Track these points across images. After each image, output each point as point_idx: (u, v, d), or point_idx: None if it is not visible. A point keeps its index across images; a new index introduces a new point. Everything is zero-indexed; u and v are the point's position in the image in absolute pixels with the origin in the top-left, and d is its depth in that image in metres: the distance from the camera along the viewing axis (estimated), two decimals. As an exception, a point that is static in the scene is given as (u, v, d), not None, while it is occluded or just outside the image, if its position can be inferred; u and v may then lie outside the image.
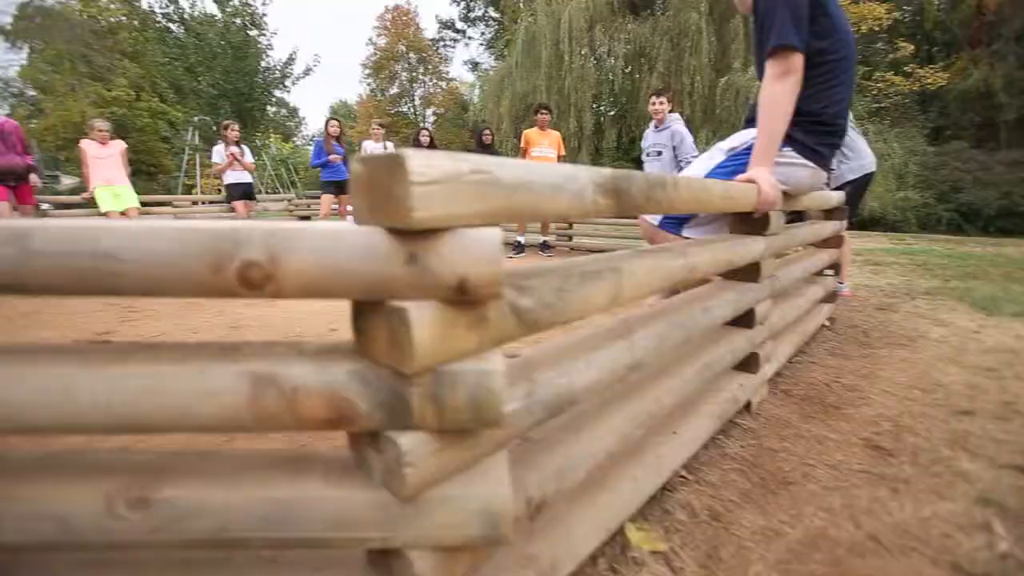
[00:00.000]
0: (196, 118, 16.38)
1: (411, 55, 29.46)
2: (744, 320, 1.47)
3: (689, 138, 4.02)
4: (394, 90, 30.05)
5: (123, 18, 31.13)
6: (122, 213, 4.97)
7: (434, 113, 30.17)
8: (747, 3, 1.55)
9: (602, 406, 0.90)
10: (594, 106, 16.27)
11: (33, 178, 4.48)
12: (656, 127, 4.17)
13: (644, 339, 0.93)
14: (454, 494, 0.57)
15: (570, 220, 4.89)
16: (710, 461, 1.30)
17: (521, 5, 18.70)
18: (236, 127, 5.54)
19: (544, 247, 5.57)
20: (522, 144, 5.49)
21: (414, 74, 29.51)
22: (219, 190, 18.71)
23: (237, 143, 5.46)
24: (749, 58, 13.06)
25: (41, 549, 0.57)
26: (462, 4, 26.03)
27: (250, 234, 0.48)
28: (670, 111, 4.17)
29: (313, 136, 38.72)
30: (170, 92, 31.33)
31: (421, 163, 0.47)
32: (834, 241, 2.48)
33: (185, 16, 8.45)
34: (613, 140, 17.42)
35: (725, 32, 13.56)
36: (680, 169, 4.07)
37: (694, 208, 1.04)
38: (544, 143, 5.28)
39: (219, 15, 8.66)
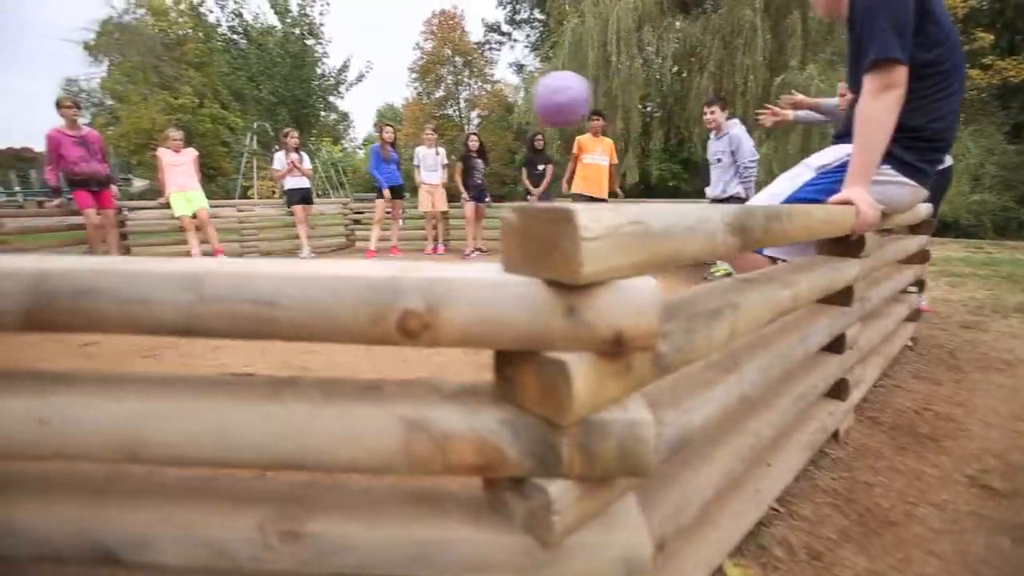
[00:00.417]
0: (255, 124, 17.16)
1: (457, 59, 29.84)
2: (835, 345, 1.40)
3: (747, 143, 3.89)
4: (440, 93, 30.51)
5: (190, 31, 33.09)
6: (193, 216, 5.25)
7: (479, 115, 30.45)
8: (839, 9, 1.48)
9: (709, 441, 0.88)
10: (641, 107, 16.00)
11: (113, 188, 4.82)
12: (716, 135, 4.07)
13: (751, 372, 0.91)
14: (593, 540, 0.57)
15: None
16: (802, 493, 1.25)
17: (567, 7, 18.60)
18: (295, 134, 5.75)
19: None
20: (574, 150, 5.45)
21: (459, 77, 29.89)
22: (273, 191, 19.52)
23: (296, 150, 5.67)
24: (807, 55, 12.51)
25: (195, 574, 0.60)
26: (508, 7, 26.13)
27: (409, 284, 0.49)
28: (728, 117, 4.06)
29: (366, 140, 39.76)
30: (231, 99, 33.05)
31: (590, 218, 0.47)
32: (919, 256, 2.33)
33: (248, 29, 8.83)
34: (660, 141, 17.09)
35: (781, 29, 13.05)
36: (739, 175, 3.93)
37: (804, 237, 0.99)
38: (597, 150, 5.21)
39: (279, 26, 9.02)
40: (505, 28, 27.65)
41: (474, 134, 6.00)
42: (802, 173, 1.57)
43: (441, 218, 6.01)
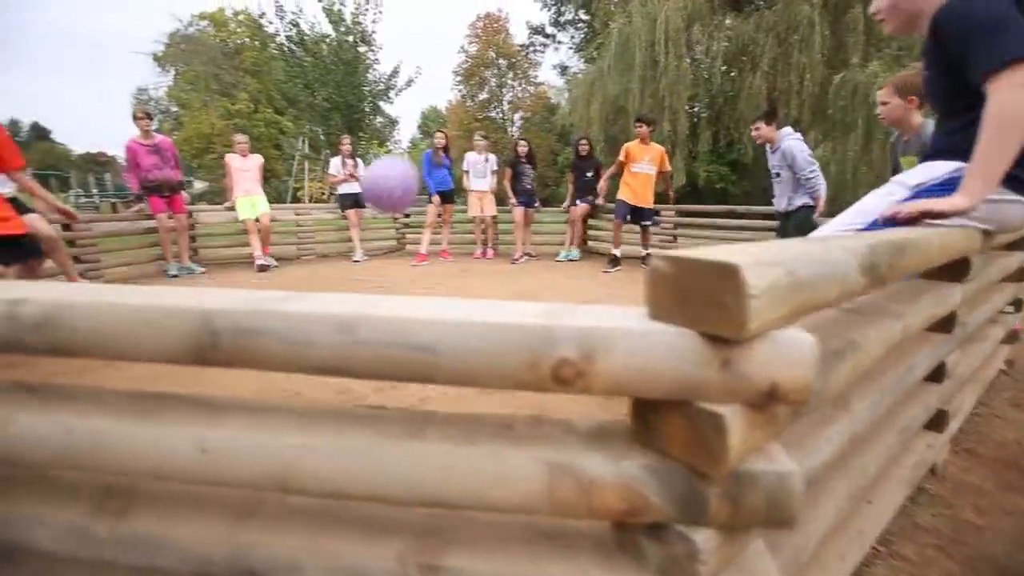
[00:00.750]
0: (306, 128, 17.80)
1: (501, 61, 30.04)
2: (935, 374, 1.32)
3: (801, 153, 3.71)
4: (483, 96, 30.79)
5: (247, 40, 34.76)
6: (256, 220, 5.49)
7: (521, 117, 30.55)
8: (915, 27, 1.38)
9: (823, 481, 0.85)
10: (689, 108, 15.64)
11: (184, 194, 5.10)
12: (771, 149, 3.92)
13: (861, 409, 0.87)
14: (730, 590, 0.56)
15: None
16: (901, 532, 1.18)
17: (613, 8, 18.40)
18: (349, 142, 5.93)
19: (646, 261, 5.38)
20: (621, 156, 5.38)
21: (503, 79, 30.08)
22: (323, 192, 20.21)
23: (351, 156, 5.85)
24: (870, 51, 11.88)
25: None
26: (552, 9, 26.06)
27: (565, 332, 0.50)
28: (780, 126, 3.91)
29: (411, 141, 40.59)
30: (284, 105, 34.41)
31: (755, 275, 0.46)
32: (1017, 274, 2.17)
33: (305, 39, 9.18)
34: (709, 143, 16.64)
35: (841, 25, 12.47)
36: (801, 187, 3.75)
37: (923, 267, 0.95)
38: (644, 159, 5.10)
39: (333, 34, 9.33)
40: (549, 30, 27.58)
41: (523, 140, 6.02)
42: (895, 192, 1.49)
43: (491, 223, 6.01)
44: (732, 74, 15.28)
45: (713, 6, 14.98)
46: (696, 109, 16.77)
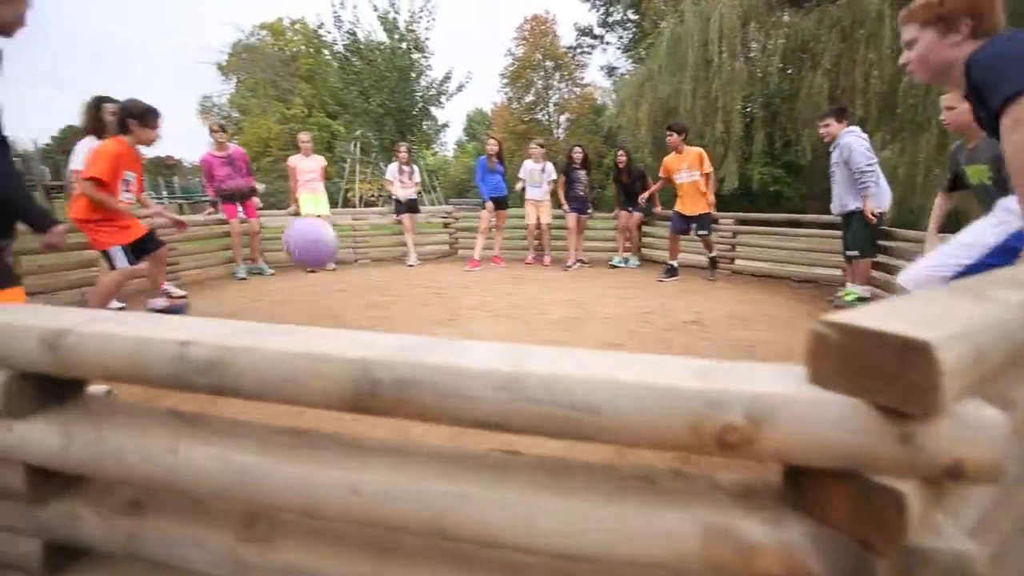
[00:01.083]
0: (358, 131, 18.34)
1: (547, 63, 30.02)
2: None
3: (858, 148, 3.50)
4: (529, 98, 30.84)
5: (303, 47, 36.27)
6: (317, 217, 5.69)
7: (567, 119, 30.42)
8: (947, 76, 1.33)
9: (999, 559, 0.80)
10: (743, 108, 15.12)
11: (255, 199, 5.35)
12: (832, 147, 3.75)
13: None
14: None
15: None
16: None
17: (663, 7, 18.03)
18: (405, 148, 6.07)
19: (713, 265, 5.12)
20: (661, 172, 5.22)
21: (549, 81, 30.04)
22: (373, 195, 20.73)
23: (408, 163, 5.98)
24: (947, 46, 11.06)
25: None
26: (600, 10, 25.81)
27: (732, 398, 0.49)
28: (847, 127, 3.72)
29: (457, 143, 41.20)
30: (337, 109, 35.67)
31: (946, 352, 0.44)
32: None
33: (361, 47, 9.48)
34: (763, 144, 16.04)
35: (914, 18, 11.69)
36: (857, 183, 3.54)
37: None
38: (682, 167, 4.92)
39: (387, 41, 9.58)
40: (597, 31, 27.33)
41: (578, 146, 5.97)
42: (1008, 221, 1.39)
43: (546, 229, 5.99)
44: (790, 72, 14.65)
45: (771, 3, 14.43)
46: (750, 109, 16.20)
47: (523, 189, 5.92)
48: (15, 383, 0.74)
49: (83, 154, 3.37)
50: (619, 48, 26.23)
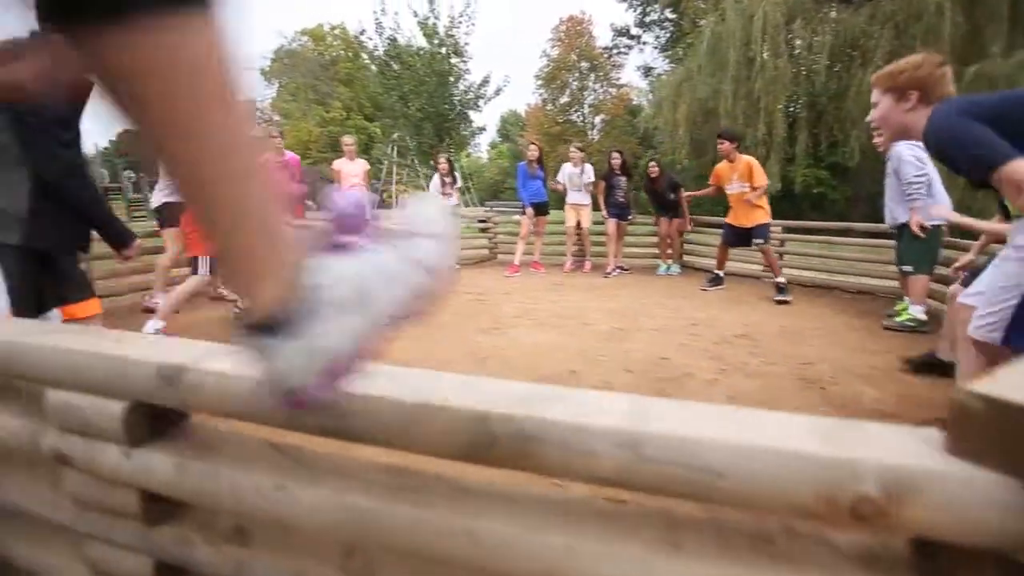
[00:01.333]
0: (395, 135, 18.63)
1: (583, 63, 29.84)
2: None
3: (908, 159, 3.28)
4: (564, 99, 30.73)
5: (342, 52, 37.21)
6: None
7: (602, 120, 30.16)
8: (912, 136, 1.64)
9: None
10: (787, 108, 14.64)
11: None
12: (887, 156, 3.57)
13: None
14: None
15: None
16: None
17: (703, 5, 17.62)
18: (446, 159, 6.11)
19: (779, 291, 4.46)
20: (711, 181, 5.03)
21: (584, 82, 29.85)
22: (407, 194, 20.92)
23: (450, 174, 6.03)
24: (1016, 38, 10.37)
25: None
26: (638, 9, 25.46)
27: (867, 469, 0.48)
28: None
29: (491, 145, 41.42)
30: (374, 112, 36.45)
31: None
32: None
33: (401, 52, 9.64)
34: (807, 145, 15.51)
35: (978, 9, 11.06)
36: (904, 195, 3.36)
37: None
38: (733, 177, 4.68)
39: (427, 46, 9.72)
40: (634, 31, 26.98)
41: (617, 151, 5.90)
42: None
43: (586, 235, 5.95)
44: (837, 70, 14.10)
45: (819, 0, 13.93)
46: (794, 109, 15.67)
47: (563, 192, 5.91)
48: (133, 413, 0.78)
49: None
50: (656, 48, 25.81)
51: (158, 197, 3.85)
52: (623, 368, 2.65)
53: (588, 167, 5.77)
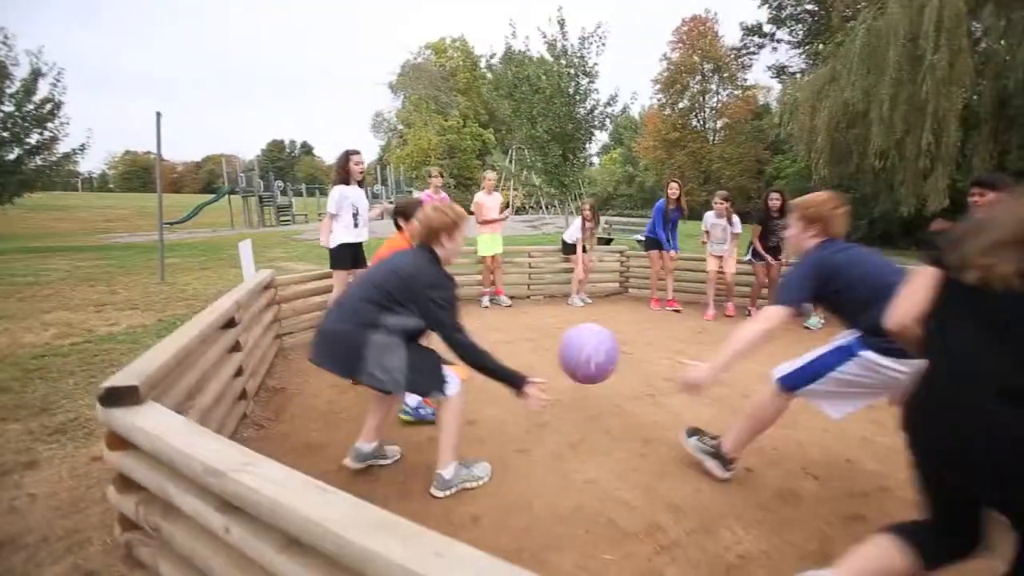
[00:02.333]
0: (514, 146, 19.09)
1: (706, 65, 28.19)
2: None
3: None
4: (683, 103, 29.30)
5: (460, 63, 38.96)
6: (492, 258, 5.95)
7: (725, 125, 28.24)
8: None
9: None
10: (964, 111, 12.57)
11: None
12: None
13: None
14: None
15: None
16: None
17: (860, 4, 15.71)
18: (590, 206, 5.92)
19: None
20: None
21: (707, 85, 28.13)
22: (520, 203, 21.30)
23: (592, 218, 5.93)
24: None
25: None
26: (773, 3, 23.43)
27: None
28: None
29: (610, 152, 40.56)
30: (488, 120, 37.69)
31: None
32: None
33: (529, 76, 9.78)
34: (990, 153, 13.20)
35: None
36: None
37: None
38: None
39: (555, 67, 9.77)
40: (767, 28, 24.91)
41: (776, 192, 5.32)
42: None
43: (730, 281, 5.52)
44: (1039, 65, 11.79)
45: (1017, -21, 11.72)
46: (974, 111, 13.37)
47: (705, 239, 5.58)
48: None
49: (335, 199, 4.07)
50: (792, 44, 23.58)
51: (336, 237, 4.08)
52: (802, 469, 2.43)
53: (736, 218, 5.34)
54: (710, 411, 3.06)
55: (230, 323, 2.63)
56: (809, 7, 22.43)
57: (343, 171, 4.19)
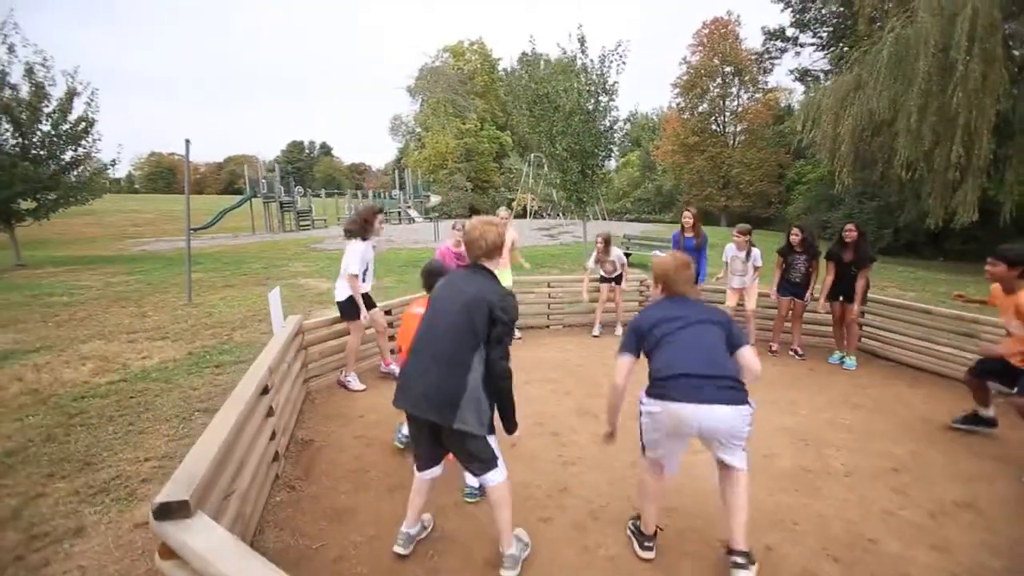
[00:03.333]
0: (531, 156, 19.07)
1: (726, 68, 27.76)
2: None
3: None
4: (703, 107, 28.91)
5: (478, 65, 39.00)
6: None
7: (745, 129, 27.81)
8: None
9: None
10: (996, 122, 12.19)
11: None
12: None
13: None
14: None
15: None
16: None
17: (888, 7, 15.33)
18: (603, 240, 5.84)
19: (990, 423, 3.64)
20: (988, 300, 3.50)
21: (727, 89, 27.69)
22: (524, 207, 21.34)
23: (606, 251, 5.86)
24: None
25: None
26: (797, 6, 22.94)
27: None
28: None
29: (626, 155, 40.14)
30: (505, 121, 37.67)
31: None
32: None
33: (548, 93, 9.78)
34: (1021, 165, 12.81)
35: None
36: None
37: None
38: (1010, 312, 3.16)
39: (576, 86, 9.75)
40: (790, 32, 24.43)
41: (798, 227, 5.18)
42: None
43: (751, 316, 5.38)
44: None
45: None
46: (1010, 125, 12.96)
47: (724, 271, 5.52)
48: None
49: (358, 257, 4.03)
50: (816, 47, 23.11)
51: (346, 291, 4.12)
52: (823, 549, 2.42)
53: (755, 251, 5.21)
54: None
55: (264, 390, 2.73)
56: (835, 8, 21.92)
57: (366, 225, 4.16)
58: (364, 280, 4.28)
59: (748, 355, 2.16)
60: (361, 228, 4.16)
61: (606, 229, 6.61)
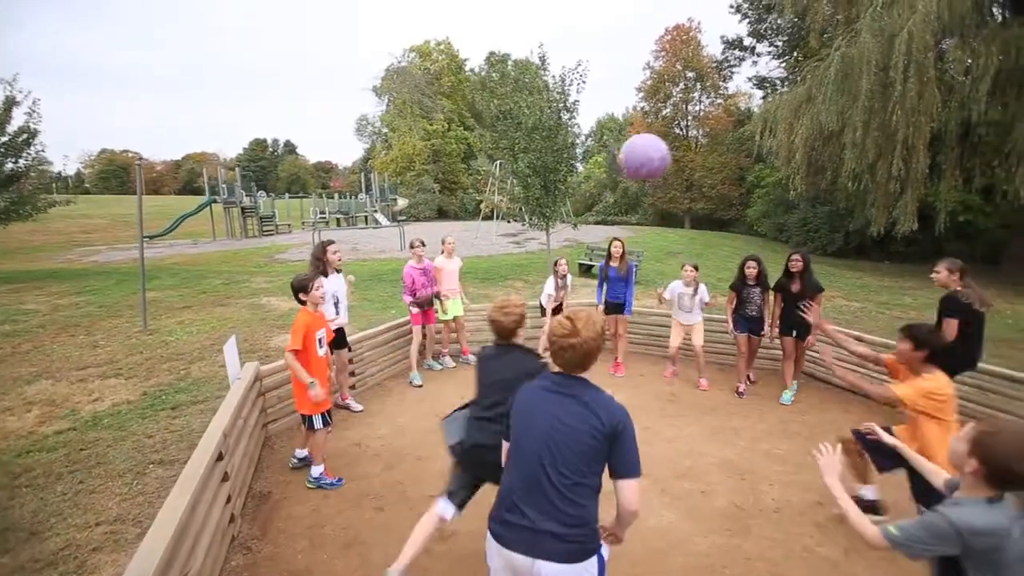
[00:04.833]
0: (498, 163, 19.15)
1: (688, 73, 28.49)
2: None
3: None
4: (667, 111, 29.59)
5: (445, 65, 38.71)
6: (453, 319, 6.08)
7: (706, 134, 28.63)
8: None
9: None
10: (932, 141, 12.99)
11: (436, 303, 5.82)
12: None
13: None
14: None
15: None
16: None
17: (837, 23, 16.03)
18: (563, 263, 5.97)
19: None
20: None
21: (689, 94, 28.44)
22: (491, 210, 21.48)
23: (564, 277, 5.97)
24: None
25: None
26: (752, 16, 23.73)
27: None
28: None
29: (594, 156, 40.61)
30: (473, 123, 37.54)
31: None
32: None
33: (511, 110, 9.90)
34: (955, 183, 13.69)
35: None
36: None
37: None
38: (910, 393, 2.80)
39: (536, 101, 9.90)
40: (747, 41, 25.24)
41: (752, 259, 5.10)
42: None
43: (700, 351, 5.42)
44: (1003, 99, 12.23)
45: (982, 13, 12.10)
46: (944, 142, 13.78)
47: (664, 304, 5.53)
48: None
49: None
50: (772, 56, 23.96)
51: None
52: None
53: (702, 287, 5.29)
54: (671, 517, 3.26)
55: (219, 457, 2.76)
56: (788, 19, 22.76)
57: (320, 261, 4.23)
58: (338, 312, 4.34)
59: None
60: (316, 267, 4.23)
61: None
